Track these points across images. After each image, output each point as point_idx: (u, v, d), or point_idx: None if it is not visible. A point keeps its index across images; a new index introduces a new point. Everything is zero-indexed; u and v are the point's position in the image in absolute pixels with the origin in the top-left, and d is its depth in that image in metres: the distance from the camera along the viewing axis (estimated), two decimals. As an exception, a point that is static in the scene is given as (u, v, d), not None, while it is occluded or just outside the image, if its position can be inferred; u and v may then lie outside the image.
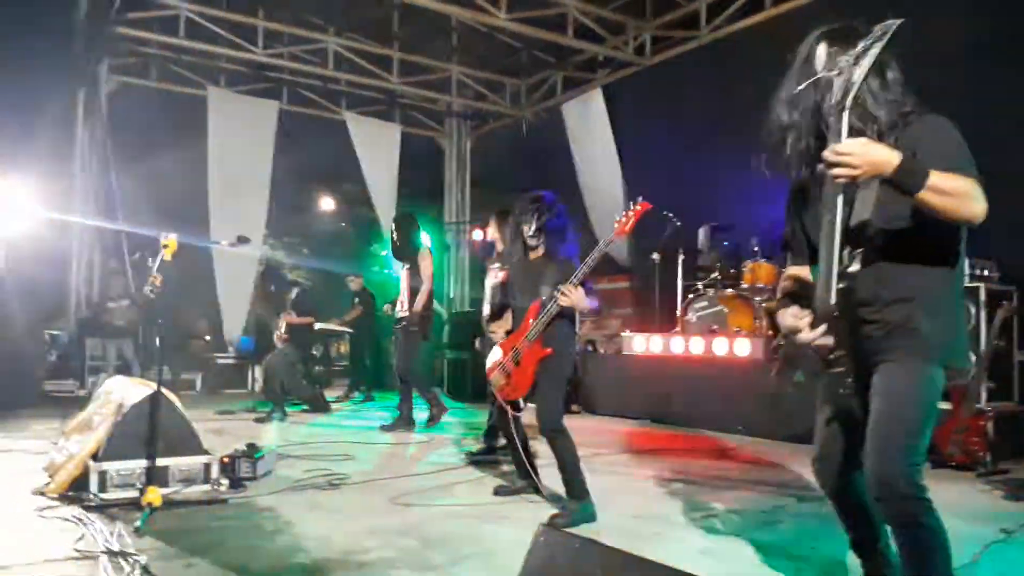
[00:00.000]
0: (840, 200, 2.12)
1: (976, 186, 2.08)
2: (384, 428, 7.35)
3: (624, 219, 3.97)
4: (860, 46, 2.00)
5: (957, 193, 2.05)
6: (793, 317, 2.32)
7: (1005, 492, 4.72)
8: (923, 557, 2.22)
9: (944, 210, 2.06)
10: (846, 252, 2.18)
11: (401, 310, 7.42)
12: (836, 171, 2.04)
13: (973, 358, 5.65)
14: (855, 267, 2.20)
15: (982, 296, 5.80)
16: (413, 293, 7.34)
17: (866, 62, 1.99)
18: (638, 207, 3.97)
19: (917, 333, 2.23)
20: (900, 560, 2.29)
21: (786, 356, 2.44)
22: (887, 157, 2.02)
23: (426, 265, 7.40)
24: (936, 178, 2.02)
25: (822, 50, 2.31)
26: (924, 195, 2.03)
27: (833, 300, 2.16)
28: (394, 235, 7.62)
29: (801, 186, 2.47)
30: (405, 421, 7.38)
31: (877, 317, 2.26)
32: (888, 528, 2.36)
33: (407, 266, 7.51)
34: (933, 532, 2.20)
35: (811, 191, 2.42)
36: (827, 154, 2.05)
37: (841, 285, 2.16)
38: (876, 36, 1.99)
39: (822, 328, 2.22)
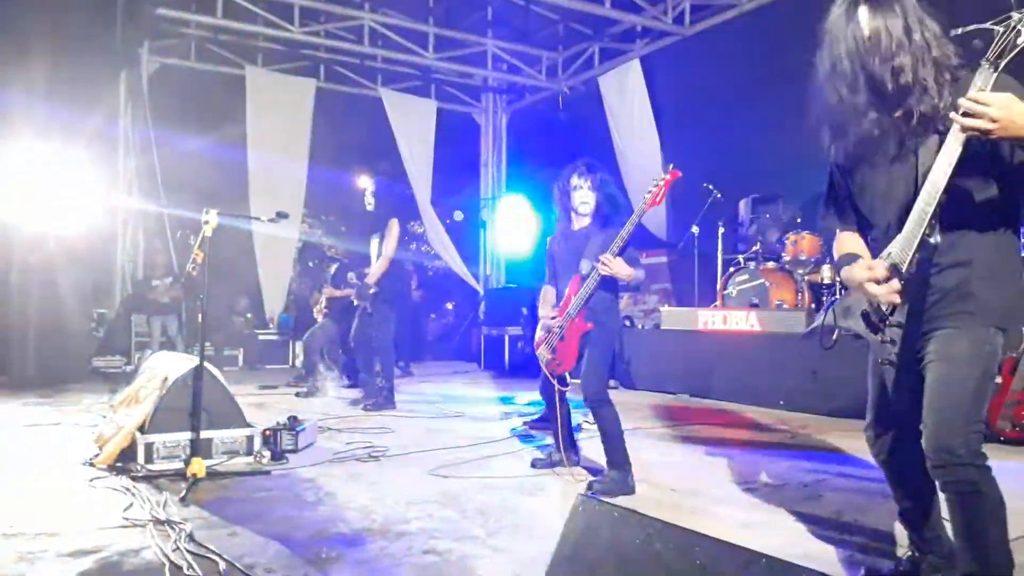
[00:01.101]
0: (953, 156, 1.99)
1: None
2: (367, 408, 6.95)
3: (656, 189, 3.92)
4: None
5: None
6: (867, 268, 2.26)
7: (1057, 467, 4.59)
8: (980, 526, 2.17)
9: None
10: (928, 224, 2.09)
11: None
12: (968, 122, 1.91)
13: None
14: (936, 238, 2.12)
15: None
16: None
17: None
18: (668, 176, 3.92)
19: (973, 297, 2.17)
20: (954, 529, 2.24)
21: (837, 312, 2.40)
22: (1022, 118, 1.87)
23: (394, 235, 7.04)
24: None
25: (864, 12, 2.20)
26: None
27: (905, 265, 2.12)
28: (371, 198, 7.25)
29: (851, 152, 2.37)
30: (385, 398, 7.01)
31: (934, 283, 2.20)
32: (941, 498, 2.31)
33: (377, 235, 7.16)
34: (992, 501, 2.15)
35: (862, 157, 2.33)
36: (964, 101, 1.90)
37: (920, 255, 2.10)
38: None
39: (896, 283, 2.16)
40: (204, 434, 4.36)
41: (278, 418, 5.19)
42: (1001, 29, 1.88)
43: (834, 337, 2.45)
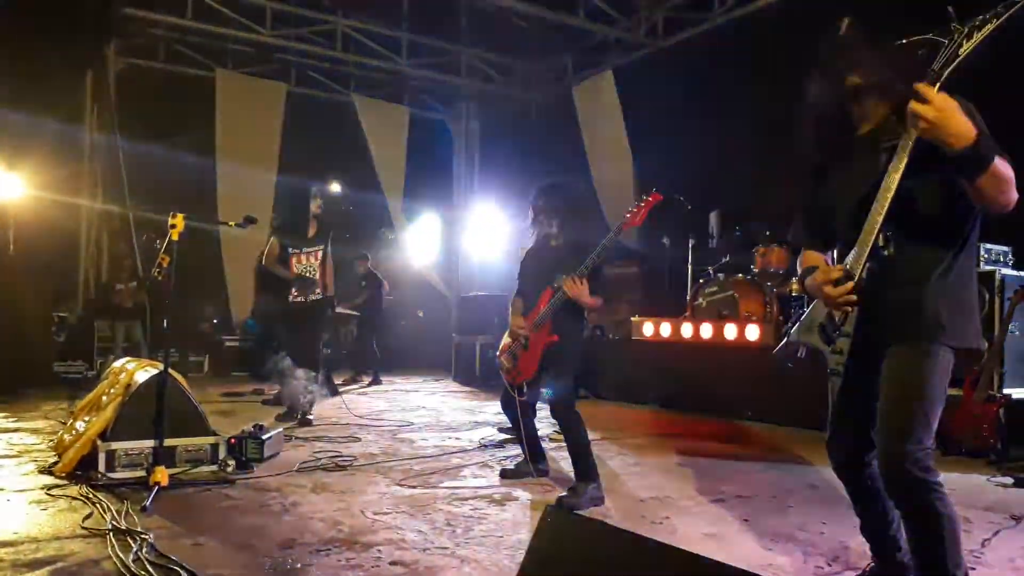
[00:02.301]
0: (899, 174, 2.05)
1: (1012, 172, 2.03)
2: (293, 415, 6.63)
3: (635, 210, 3.96)
4: (979, 18, 1.88)
5: (1006, 179, 2.00)
6: (823, 273, 2.30)
7: (1015, 479, 4.68)
8: (932, 542, 2.19)
9: (989, 195, 2.00)
10: (881, 234, 2.14)
11: (314, 294, 6.81)
12: (914, 107, 1.92)
13: (985, 344, 5.61)
14: (890, 250, 2.16)
15: (996, 281, 5.73)
16: (326, 274, 6.89)
17: (978, 36, 1.88)
18: (649, 198, 3.95)
19: (924, 316, 2.20)
20: (909, 544, 2.26)
21: (799, 329, 2.44)
22: (963, 129, 1.91)
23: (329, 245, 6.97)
24: (999, 161, 1.96)
25: (846, 25, 2.27)
26: (982, 178, 1.95)
27: (858, 277, 2.16)
28: (317, 209, 6.97)
29: (822, 167, 2.41)
30: (330, 389, 7.03)
31: (887, 297, 2.24)
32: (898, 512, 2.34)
33: (321, 245, 6.91)
34: (943, 517, 2.17)
35: (832, 171, 2.37)
36: (916, 90, 1.92)
37: (871, 264, 2.14)
38: (996, 12, 1.87)
39: (850, 285, 2.20)
40: (168, 442, 4.28)
41: (244, 426, 5.11)
42: (945, 41, 1.94)
43: (798, 354, 2.48)
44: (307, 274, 6.83)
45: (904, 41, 2.16)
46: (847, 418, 2.47)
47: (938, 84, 1.94)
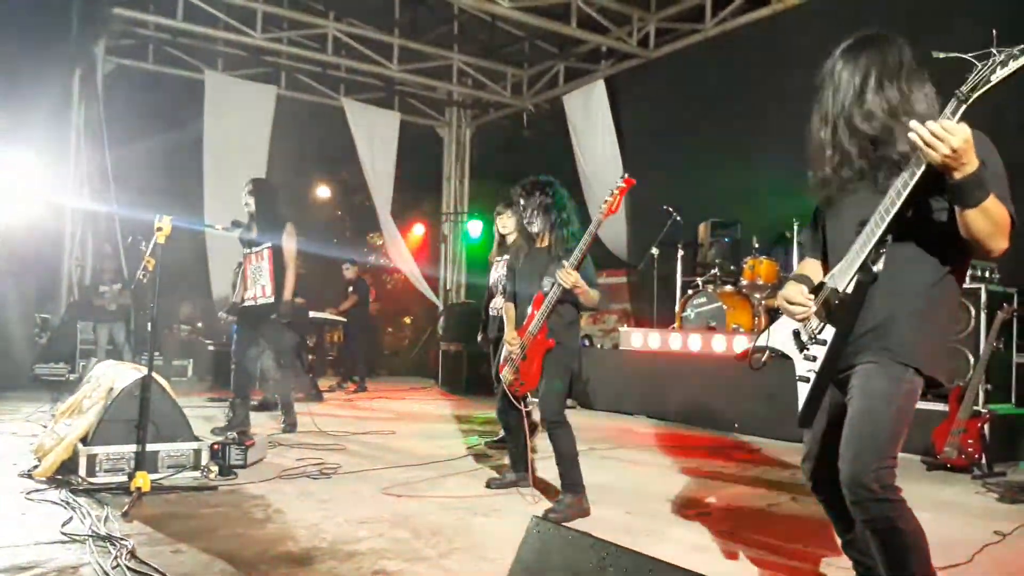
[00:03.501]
0: (905, 192, 2.04)
1: (1010, 222, 2.03)
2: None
3: (611, 198, 3.92)
4: (1016, 48, 1.84)
5: (997, 222, 2.00)
6: (800, 293, 2.35)
7: (1000, 494, 4.70)
8: (900, 558, 2.18)
9: (977, 232, 2.00)
10: (878, 249, 2.14)
11: (263, 296, 6.22)
12: (928, 141, 1.90)
13: (972, 359, 5.64)
14: (879, 266, 2.16)
15: (983, 298, 5.76)
16: (278, 276, 6.16)
17: (1015, 65, 1.84)
18: (623, 184, 3.93)
19: (896, 336, 2.20)
20: (878, 561, 2.25)
21: (770, 332, 2.45)
22: (972, 159, 1.91)
23: (293, 243, 6.22)
24: (993, 201, 1.97)
25: (839, 60, 2.30)
26: (972, 212, 1.96)
27: (842, 288, 2.18)
28: (250, 202, 6.25)
29: (829, 194, 2.41)
30: (289, 419, 6.47)
31: (865, 313, 2.24)
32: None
33: (267, 244, 6.22)
34: (906, 533, 2.16)
35: (836, 197, 2.37)
36: (931, 124, 1.90)
37: (860, 277, 2.15)
38: None
39: (814, 307, 2.27)
40: (150, 447, 4.24)
41: (228, 432, 5.06)
42: (978, 64, 1.89)
43: (763, 359, 2.49)
44: (257, 276, 6.28)
45: (933, 56, 2.10)
46: (816, 436, 2.47)
47: (963, 107, 1.92)
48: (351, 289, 10.88)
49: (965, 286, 5.54)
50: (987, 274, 5.96)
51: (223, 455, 4.68)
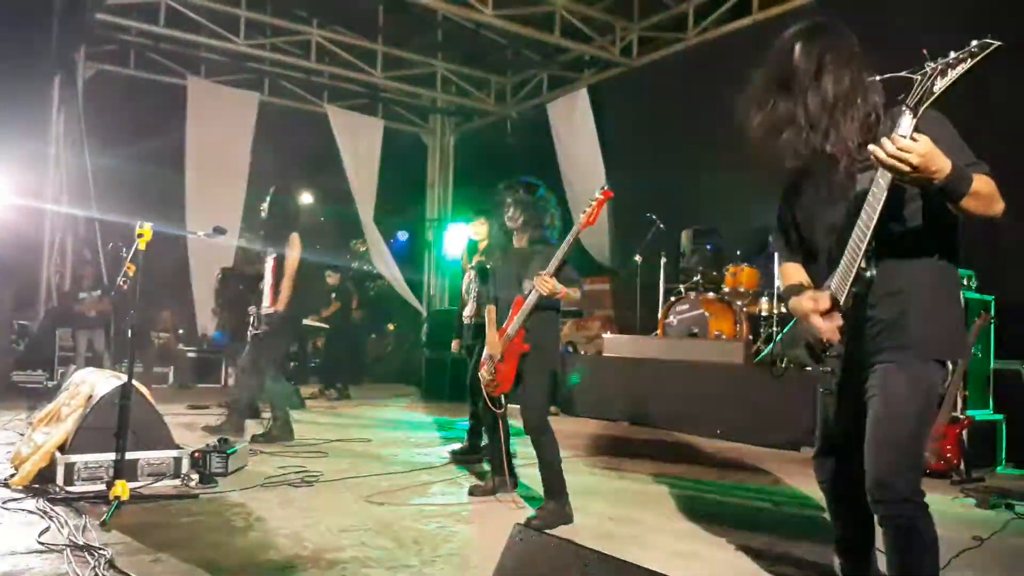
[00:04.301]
0: (881, 199, 2.09)
1: (994, 183, 2.08)
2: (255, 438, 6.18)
3: (590, 209, 3.93)
4: (954, 56, 1.93)
5: (989, 194, 2.05)
6: (811, 300, 2.33)
7: (978, 500, 4.74)
8: (915, 561, 2.21)
9: (976, 212, 2.05)
10: (863, 256, 2.17)
11: (268, 304, 6.37)
12: (889, 162, 1.97)
13: (950, 366, 5.69)
14: (871, 272, 2.19)
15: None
16: (278, 285, 6.28)
17: (953, 74, 1.93)
18: (600, 195, 3.95)
19: (909, 331, 2.23)
20: (888, 562, 2.27)
21: (784, 342, 2.46)
22: (942, 165, 1.96)
23: (295, 254, 6.28)
24: (977, 183, 2.01)
25: (796, 48, 2.31)
26: (966, 201, 2.00)
27: (844, 302, 2.20)
28: (266, 207, 6.50)
29: (795, 181, 2.44)
30: (282, 428, 6.30)
31: (872, 315, 2.26)
32: (879, 531, 2.34)
33: (272, 254, 6.40)
34: (928, 537, 2.19)
35: (804, 186, 2.39)
36: (887, 143, 1.96)
37: (856, 289, 2.17)
38: (970, 51, 1.92)
39: (838, 319, 2.24)
40: (129, 455, 4.18)
41: (208, 439, 5.02)
42: (918, 77, 1.98)
43: (783, 366, 2.51)
44: (265, 285, 6.46)
45: (877, 79, 2.21)
46: (834, 435, 2.48)
47: (915, 119, 1.98)
48: (333, 296, 10.84)
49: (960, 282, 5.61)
50: (965, 281, 6.03)
51: (204, 463, 4.64)
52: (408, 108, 14.19)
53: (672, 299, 8.53)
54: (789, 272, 2.57)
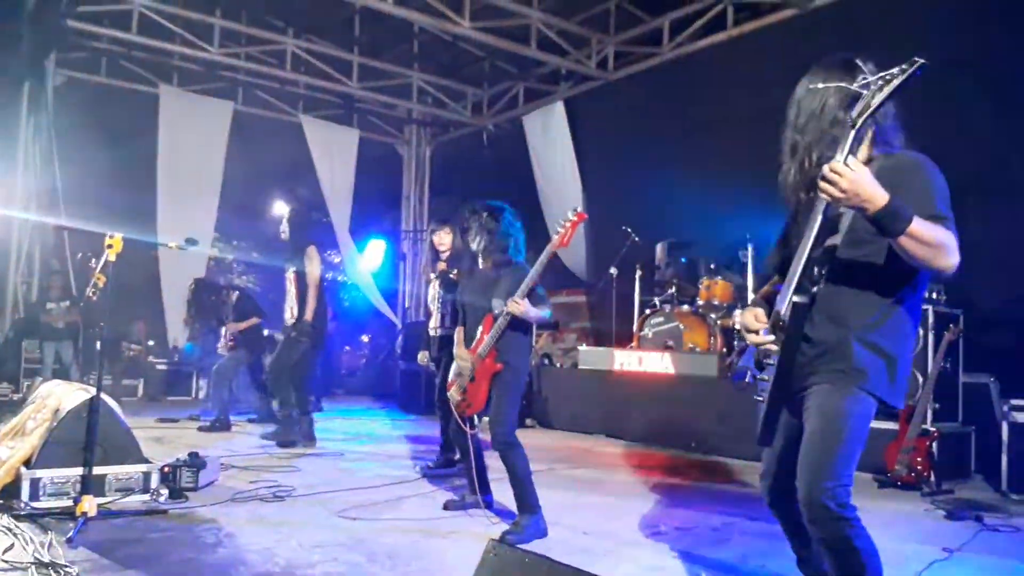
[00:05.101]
0: (820, 215, 2.14)
1: (953, 238, 2.09)
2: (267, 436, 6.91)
3: (562, 231, 3.97)
4: (889, 72, 2.00)
5: (934, 244, 2.05)
6: (753, 317, 2.39)
7: (948, 511, 4.80)
8: (852, 575, 2.22)
9: (917, 257, 2.07)
10: (814, 270, 2.20)
11: (291, 317, 6.81)
12: (823, 186, 2.04)
13: (920, 379, 5.77)
14: (819, 287, 2.22)
15: (930, 319, 5.91)
16: (302, 297, 6.73)
17: (888, 90, 1.99)
18: (574, 217, 3.98)
19: (848, 359, 2.25)
20: None
21: (738, 353, 2.50)
22: (873, 194, 2.00)
23: (314, 266, 6.73)
24: (918, 225, 2.02)
25: (802, 84, 2.37)
26: (902, 240, 2.03)
27: (783, 310, 2.21)
28: (285, 230, 6.91)
29: (796, 210, 2.46)
30: (306, 433, 6.81)
31: (815, 336, 2.28)
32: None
33: (293, 269, 6.82)
34: (861, 552, 2.20)
35: (801, 215, 2.42)
36: (824, 167, 2.03)
37: (796, 299, 2.17)
38: (902, 68, 1.98)
39: (770, 336, 2.28)
40: (97, 470, 4.11)
41: (178, 454, 4.95)
42: (865, 92, 2.04)
43: (746, 378, 2.52)
44: (288, 299, 6.89)
45: (822, 86, 2.26)
46: (774, 452, 2.51)
47: (853, 132, 2.03)
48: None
49: (918, 321, 5.69)
50: (934, 295, 6.12)
51: (173, 478, 4.57)
52: (384, 119, 14.16)
53: (647, 311, 8.57)
54: (767, 287, 2.61)
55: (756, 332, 2.34)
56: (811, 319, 2.24)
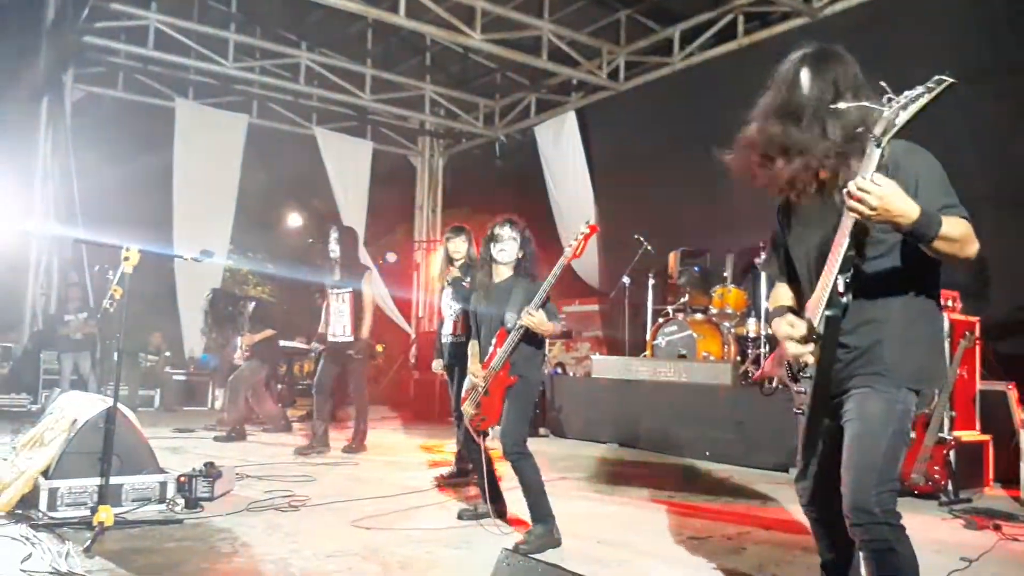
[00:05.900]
0: (849, 230, 2.13)
1: (969, 225, 2.11)
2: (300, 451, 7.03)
3: (576, 243, 3.98)
4: (915, 91, 1.97)
5: (961, 237, 2.08)
6: (788, 325, 2.36)
7: (966, 521, 4.75)
8: None
9: (948, 255, 2.09)
10: (838, 279, 2.19)
11: (343, 334, 7.15)
12: (851, 204, 2.03)
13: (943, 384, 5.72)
14: (847, 298, 2.21)
15: (946, 327, 5.87)
16: (357, 316, 7.09)
17: (913, 108, 1.97)
18: (586, 230, 3.99)
19: (884, 359, 2.25)
20: None
21: (753, 361, 2.48)
22: (905, 209, 2.00)
23: (370, 290, 7.24)
24: (946, 226, 2.04)
25: (805, 75, 2.31)
26: (936, 244, 2.05)
27: (817, 323, 2.22)
28: (336, 249, 7.18)
29: (786, 204, 2.47)
30: (320, 440, 7.12)
31: (848, 341, 2.28)
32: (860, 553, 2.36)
33: (349, 289, 7.15)
34: (904, 559, 2.21)
35: (793, 210, 2.43)
36: (851, 185, 2.02)
37: (829, 313, 2.18)
38: (928, 87, 1.96)
39: (810, 346, 2.27)
40: (114, 480, 4.14)
41: (194, 463, 4.98)
42: (886, 110, 2.01)
43: (774, 385, 2.53)
44: (339, 316, 7.18)
45: (841, 107, 2.21)
46: (812, 457, 2.50)
47: (879, 150, 2.02)
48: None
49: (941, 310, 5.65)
50: (950, 303, 6.08)
51: (189, 488, 4.60)
52: (396, 130, 14.25)
53: (660, 320, 8.56)
54: (778, 293, 2.61)
55: (796, 340, 2.31)
56: (842, 326, 2.25)
